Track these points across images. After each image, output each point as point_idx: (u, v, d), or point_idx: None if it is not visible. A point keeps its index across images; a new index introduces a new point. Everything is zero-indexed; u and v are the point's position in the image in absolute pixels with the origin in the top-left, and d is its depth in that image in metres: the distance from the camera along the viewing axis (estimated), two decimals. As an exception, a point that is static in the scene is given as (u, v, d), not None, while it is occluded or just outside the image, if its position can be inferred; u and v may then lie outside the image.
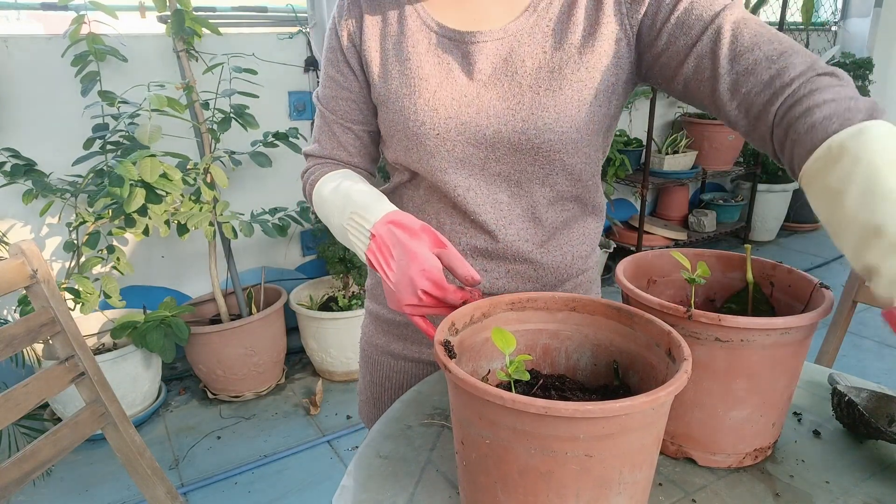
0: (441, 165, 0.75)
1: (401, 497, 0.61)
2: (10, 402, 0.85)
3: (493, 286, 0.82)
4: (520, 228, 0.79)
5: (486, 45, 0.73)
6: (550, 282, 0.84)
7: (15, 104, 2.07)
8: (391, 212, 0.68)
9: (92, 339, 2.21)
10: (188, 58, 2.09)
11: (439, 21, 0.75)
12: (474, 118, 0.73)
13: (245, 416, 2.24)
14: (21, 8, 2.18)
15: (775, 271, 0.72)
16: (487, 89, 0.73)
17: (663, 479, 0.63)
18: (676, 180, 3.40)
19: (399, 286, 0.64)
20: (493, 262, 0.81)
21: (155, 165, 1.79)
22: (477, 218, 0.78)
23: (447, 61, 0.74)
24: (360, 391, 1.00)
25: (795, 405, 0.76)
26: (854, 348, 2.60)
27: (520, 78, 0.72)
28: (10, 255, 0.91)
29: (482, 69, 0.73)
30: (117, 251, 2.06)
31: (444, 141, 0.74)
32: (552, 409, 0.43)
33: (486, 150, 0.74)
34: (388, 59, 0.76)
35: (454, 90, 0.73)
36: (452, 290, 0.63)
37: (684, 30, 0.66)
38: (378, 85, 0.78)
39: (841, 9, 4.41)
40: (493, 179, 0.76)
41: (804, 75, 0.58)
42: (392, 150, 0.80)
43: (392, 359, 0.91)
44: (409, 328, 0.88)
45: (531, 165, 0.75)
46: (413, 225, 0.66)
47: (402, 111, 0.75)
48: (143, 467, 1.01)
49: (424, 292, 0.62)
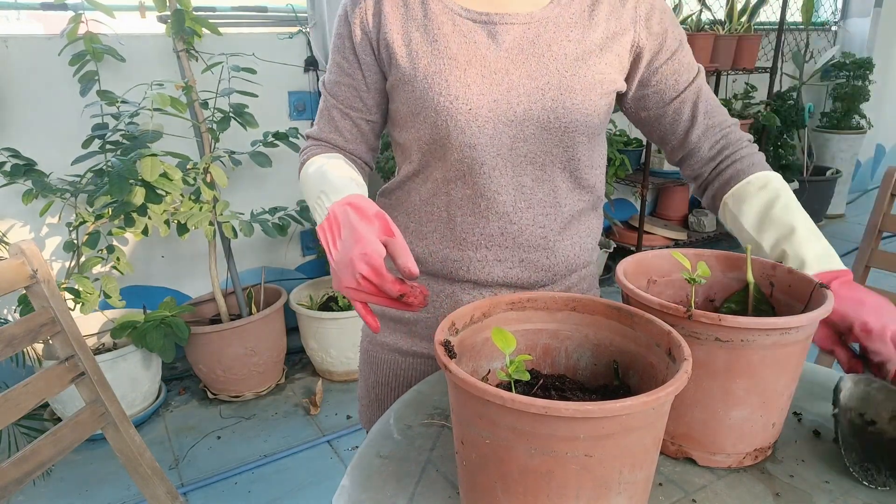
0: (470, 142, 0.76)
1: (401, 497, 0.61)
2: (10, 402, 0.85)
3: (507, 276, 0.82)
4: (538, 213, 0.80)
5: (513, 27, 0.76)
6: (561, 272, 0.85)
7: (15, 104, 2.07)
8: (353, 194, 0.67)
9: (92, 339, 2.21)
10: (188, 57, 2.09)
11: (463, 5, 0.77)
12: (505, 95, 0.75)
13: (245, 416, 2.24)
14: (21, 8, 2.18)
15: (775, 271, 0.72)
16: (517, 67, 0.75)
17: (663, 479, 0.63)
18: (676, 180, 3.40)
19: (339, 266, 0.62)
20: (506, 250, 0.81)
21: (155, 165, 1.79)
22: (497, 198, 0.78)
23: (474, 41, 0.76)
24: (362, 395, 0.98)
25: (795, 405, 0.76)
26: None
27: (546, 61, 0.75)
28: (10, 255, 0.91)
29: (510, 49, 0.75)
30: (117, 251, 2.06)
31: (475, 117, 0.75)
32: (552, 409, 0.43)
33: (516, 129, 0.76)
34: (414, 42, 0.77)
35: (484, 67, 0.75)
36: (391, 280, 0.60)
37: (675, 78, 0.82)
38: (404, 66, 0.77)
39: (841, 9, 4.41)
40: (518, 161, 0.78)
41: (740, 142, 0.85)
42: (415, 129, 0.79)
43: (400, 356, 0.90)
44: (419, 325, 0.88)
45: (556, 147, 0.78)
46: (368, 209, 0.64)
47: (432, 87, 0.75)
48: (143, 467, 1.00)
49: (363, 276, 0.60)
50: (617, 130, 3.37)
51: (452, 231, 0.81)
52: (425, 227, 0.83)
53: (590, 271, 0.93)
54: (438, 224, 0.82)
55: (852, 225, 4.22)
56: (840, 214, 4.37)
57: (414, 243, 0.84)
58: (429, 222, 0.83)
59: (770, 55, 3.67)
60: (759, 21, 3.63)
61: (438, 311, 0.86)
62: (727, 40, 3.29)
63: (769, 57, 3.77)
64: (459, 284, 0.84)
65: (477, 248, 0.81)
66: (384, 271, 0.60)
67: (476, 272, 0.82)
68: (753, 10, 3.42)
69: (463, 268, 0.82)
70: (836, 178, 4.04)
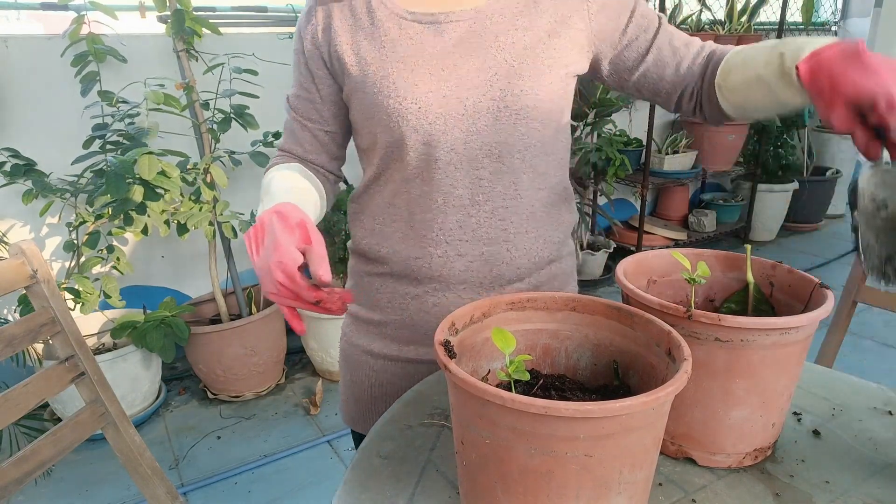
0: (424, 139, 0.77)
1: (401, 497, 0.61)
2: (10, 402, 0.85)
3: (469, 270, 0.82)
4: (497, 206, 0.81)
5: (460, 23, 0.77)
6: (526, 266, 0.84)
7: (15, 104, 2.07)
8: (281, 203, 0.69)
9: (92, 339, 2.21)
10: (188, 58, 2.09)
11: (407, 8, 0.79)
12: (454, 90, 0.76)
13: (245, 416, 2.24)
14: (21, 8, 2.18)
15: (775, 271, 0.72)
16: (465, 61, 0.76)
17: (663, 479, 0.63)
18: (676, 180, 3.40)
19: (260, 272, 0.65)
20: (466, 244, 0.81)
21: (153, 163, 1.79)
22: (453, 192, 0.79)
23: (421, 42, 0.77)
24: (342, 391, 1.01)
25: (795, 405, 0.76)
26: (854, 348, 2.60)
27: (494, 52, 0.76)
28: (10, 255, 0.91)
29: (458, 45, 0.77)
30: (117, 251, 2.06)
31: (426, 114, 0.76)
32: (552, 409, 0.43)
33: (468, 122, 0.77)
34: (362, 50, 0.79)
35: (432, 66, 0.76)
36: (305, 287, 0.63)
37: (644, 33, 0.83)
38: (355, 74, 0.80)
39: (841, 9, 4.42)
40: (474, 154, 0.78)
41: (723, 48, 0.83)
42: (371, 134, 0.81)
43: (372, 358, 0.91)
44: (388, 327, 0.89)
45: (511, 137, 0.78)
46: (292, 218, 0.66)
47: (381, 91, 0.77)
48: (143, 467, 1.01)
49: (279, 283, 0.63)
50: (617, 130, 3.37)
51: (413, 228, 0.82)
52: (388, 227, 0.84)
53: (562, 268, 0.91)
54: (400, 224, 0.83)
55: (852, 225, 4.21)
56: (840, 214, 4.37)
57: (378, 245, 0.86)
58: (391, 223, 0.84)
59: (770, 55, 3.66)
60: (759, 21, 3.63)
61: (405, 314, 0.86)
62: (727, 40, 3.29)
63: (769, 57, 3.76)
64: (423, 285, 0.84)
65: (437, 244, 0.81)
66: (298, 278, 0.63)
67: (438, 269, 0.82)
68: (753, 10, 3.42)
69: (425, 265, 0.83)
70: (836, 178, 4.04)
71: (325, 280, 0.63)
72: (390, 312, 0.88)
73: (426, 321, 0.85)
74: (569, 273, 0.94)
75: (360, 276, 0.90)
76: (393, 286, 0.87)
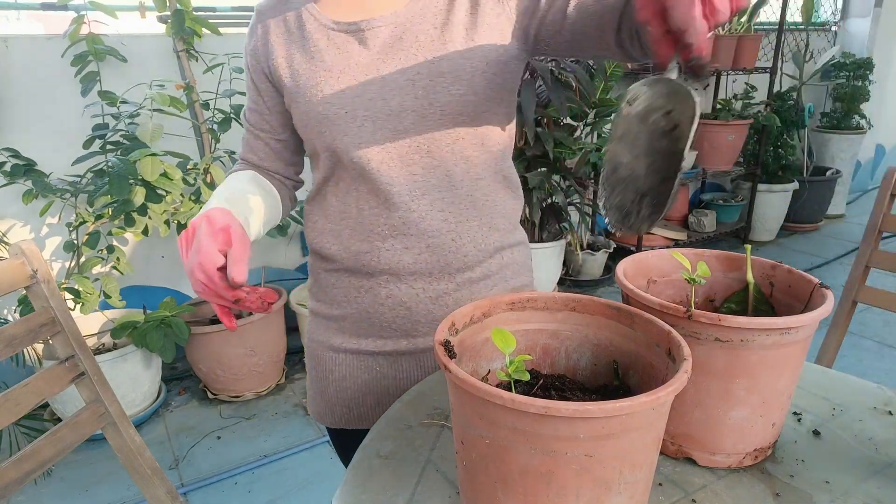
0: (354, 142, 0.81)
1: (401, 497, 0.61)
2: (10, 402, 0.85)
3: (417, 262, 0.85)
4: (434, 199, 0.83)
5: (381, 29, 0.80)
6: (473, 255, 0.86)
7: (15, 104, 2.07)
8: (213, 207, 0.75)
9: (92, 339, 2.21)
10: (188, 58, 2.09)
11: (334, 18, 0.82)
12: (378, 93, 0.79)
13: (245, 416, 2.24)
14: (21, 8, 2.18)
15: (775, 271, 0.72)
16: (387, 65, 0.80)
17: (663, 479, 0.63)
18: (676, 180, 3.39)
19: (188, 274, 0.71)
20: (412, 238, 0.84)
21: (155, 164, 1.79)
22: (391, 190, 0.82)
23: (346, 50, 0.81)
24: (308, 387, 1.04)
25: (795, 405, 0.76)
26: (854, 348, 2.60)
27: (414, 52, 0.79)
28: (10, 255, 0.91)
29: (380, 50, 0.80)
30: (117, 251, 2.06)
31: (353, 118, 0.80)
32: (552, 409, 0.43)
33: (394, 122, 0.80)
34: (295, 62, 0.84)
35: (357, 72, 0.80)
36: (223, 287, 0.69)
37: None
38: (289, 85, 0.84)
39: (841, 9, 4.42)
40: (405, 151, 0.81)
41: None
42: (309, 140, 0.86)
43: (333, 352, 0.94)
44: (346, 321, 0.92)
45: (437, 131, 0.80)
46: (218, 223, 0.72)
47: (311, 100, 0.82)
48: (143, 467, 1.01)
49: (201, 282, 0.69)
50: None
51: (361, 225, 0.85)
52: (339, 225, 0.88)
53: (514, 258, 0.93)
54: (350, 221, 0.87)
55: (852, 225, 4.22)
56: (840, 214, 4.37)
57: (329, 243, 0.89)
58: (341, 220, 0.87)
59: (770, 55, 3.67)
60: (759, 21, 3.63)
61: (360, 306, 0.89)
62: (727, 40, 3.29)
63: (769, 57, 3.77)
64: (375, 278, 0.87)
65: (384, 238, 0.84)
66: (216, 278, 0.69)
67: (387, 262, 0.85)
68: (753, 10, 3.42)
69: (374, 259, 0.86)
70: (836, 179, 4.05)
71: (236, 280, 0.69)
72: (346, 306, 0.91)
73: (381, 313, 0.88)
74: (521, 264, 0.96)
75: (318, 273, 0.94)
76: (347, 280, 0.90)
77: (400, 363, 0.91)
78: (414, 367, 0.91)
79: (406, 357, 0.90)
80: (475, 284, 0.88)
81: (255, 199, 0.85)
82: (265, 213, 0.87)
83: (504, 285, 0.92)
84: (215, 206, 0.77)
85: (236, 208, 0.78)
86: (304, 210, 0.95)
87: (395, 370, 0.91)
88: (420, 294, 0.86)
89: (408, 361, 0.91)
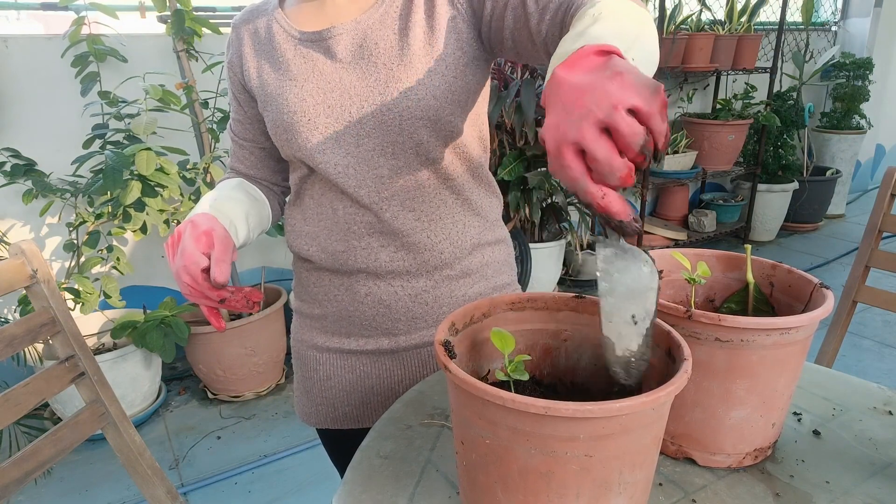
0: (319, 148, 0.82)
1: (401, 497, 0.61)
2: (10, 401, 0.85)
3: (394, 260, 0.86)
4: (404, 199, 0.84)
5: (342, 36, 0.81)
6: (450, 252, 0.87)
7: (15, 104, 2.07)
8: (199, 213, 0.79)
9: (92, 339, 2.21)
10: (188, 57, 2.09)
11: (300, 28, 0.84)
12: (339, 100, 0.81)
13: (245, 416, 2.24)
14: (21, 8, 2.18)
15: (775, 271, 0.72)
16: (348, 73, 0.81)
17: (663, 479, 0.63)
18: (676, 180, 3.40)
19: (175, 277, 0.75)
20: (386, 236, 0.85)
21: (150, 158, 1.79)
22: (359, 192, 0.83)
23: (311, 59, 0.83)
24: (295, 387, 1.05)
25: (795, 405, 0.76)
26: (854, 348, 2.60)
27: (375, 58, 0.80)
28: (10, 255, 0.91)
29: (342, 58, 0.81)
30: (117, 251, 2.06)
31: (315, 125, 0.82)
32: (552, 409, 0.43)
33: (356, 127, 0.81)
34: (264, 72, 0.86)
35: (320, 80, 0.82)
36: (207, 287, 0.74)
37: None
38: (260, 95, 0.87)
39: (841, 9, 4.42)
40: (369, 155, 0.82)
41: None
42: (281, 147, 0.88)
43: (317, 352, 0.95)
44: (328, 320, 0.93)
45: (400, 136, 0.81)
46: (201, 227, 0.76)
47: (277, 108, 0.84)
48: (143, 467, 1.01)
49: (187, 284, 0.73)
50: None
51: (337, 225, 0.86)
52: (316, 226, 0.89)
53: (494, 256, 0.94)
54: (326, 222, 0.87)
55: (852, 225, 4.22)
56: (840, 214, 4.37)
57: (308, 245, 0.90)
58: (319, 221, 0.88)
59: (770, 55, 3.67)
60: (759, 21, 3.63)
61: (340, 304, 0.90)
62: (727, 40, 3.29)
63: (769, 57, 3.77)
64: (353, 276, 0.88)
65: (360, 237, 0.85)
66: (200, 280, 0.73)
67: (364, 260, 0.86)
68: (753, 10, 3.42)
69: (351, 258, 0.86)
70: (836, 178, 4.04)
71: (218, 280, 0.73)
72: (327, 305, 0.92)
73: (361, 311, 0.89)
74: (502, 262, 0.96)
75: (300, 272, 0.96)
76: (328, 278, 0.91)
77: (382, 362, 0.92)
78: (397, 366, 0.92)
79: (388, 356, 0.91)
80: (455, 282, 0.89)
81: (240, 205, 0.87)
82: (252, 218, 0.89)
83: (485, 283, 0.92)
84: (200, 212, 0.80)
85: (221, 213, 0.82)
86: (284, 214, 0.97)
87: (378, 369, 0.92)
88: (399, 292, 0.87)
89: (390, 360, 0.91)
